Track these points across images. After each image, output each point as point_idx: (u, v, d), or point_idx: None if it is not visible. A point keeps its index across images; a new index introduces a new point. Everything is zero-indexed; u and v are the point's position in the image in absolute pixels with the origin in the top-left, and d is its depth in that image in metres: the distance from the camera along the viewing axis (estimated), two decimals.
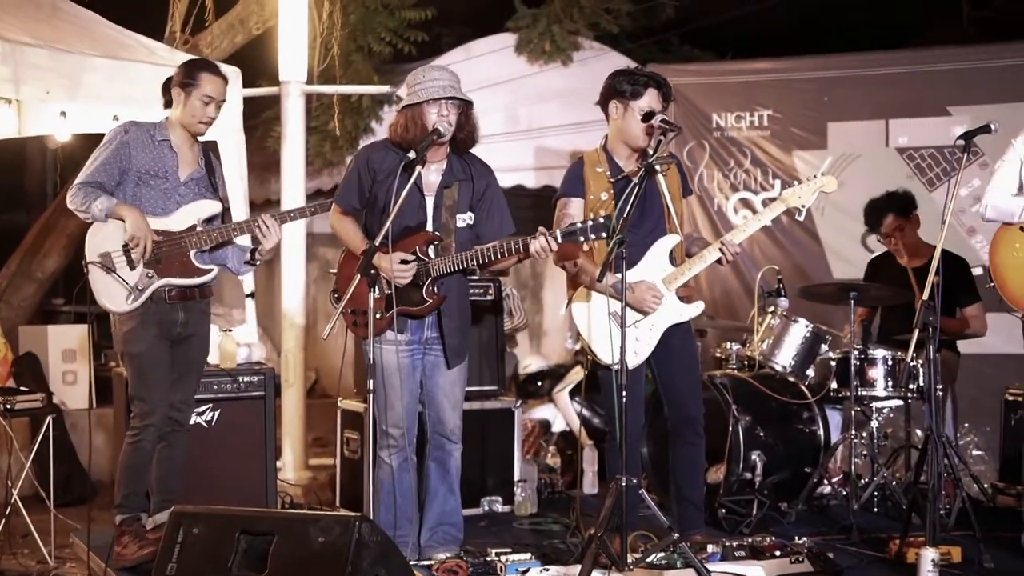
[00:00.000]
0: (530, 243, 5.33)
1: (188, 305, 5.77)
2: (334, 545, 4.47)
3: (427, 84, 5.51)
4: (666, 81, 5.86)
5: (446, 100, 5.50)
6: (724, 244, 5.74)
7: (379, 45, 10.52)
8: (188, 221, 5.71)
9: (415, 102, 5.51)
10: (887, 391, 6.96)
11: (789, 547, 5.68)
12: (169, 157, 5.72)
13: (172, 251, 5.64)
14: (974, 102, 8.83)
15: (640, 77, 5.83)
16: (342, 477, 7.18)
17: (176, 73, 5.81)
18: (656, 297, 5.74)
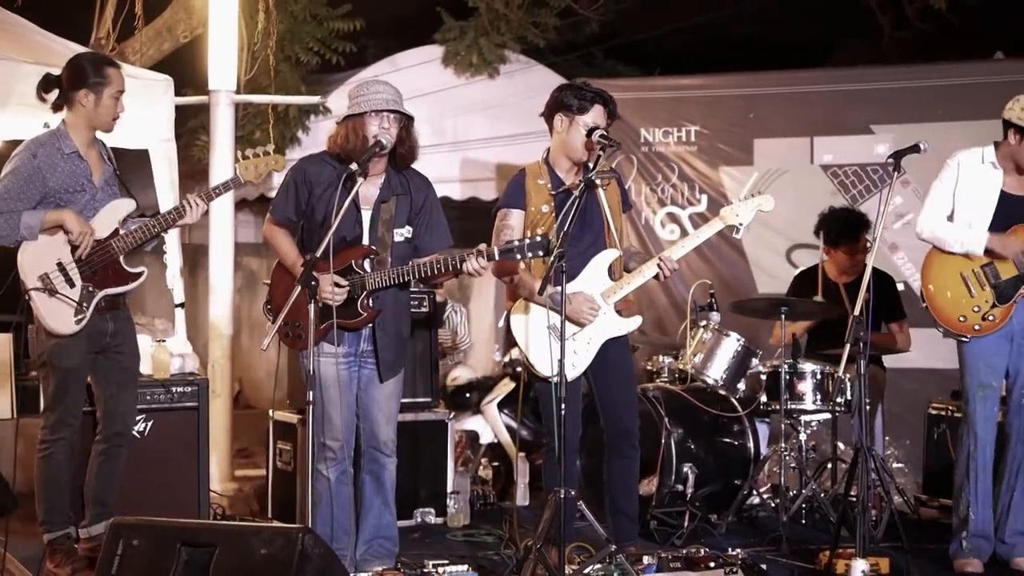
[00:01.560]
0: (466, 260, 5.35)
1: (116, 315, 5.71)
2: (277, 557, 4.43)
3: (370, 96, 5.51)
4: (612, 99, 5.91)
5: (388, 113, 5.50)
6: (662, 260, 5.79)
7: (307, 55, 10.47)
8: (110, 225, 5.61)
9: (356, 112, 5.50)
10: (815, 405, 7.08)
11: (723, 558, 5.76)
12: (82, 168, 5.61)
13: (103, 260, 5.56)
14: (896, 121, 9.00)
15: (588, 93, 5.86)
16: (274, 489, 7.14)
17: (73, 72, 5.62)
18: (593, 309, 5.77)
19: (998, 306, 6.04)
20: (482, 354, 11.06)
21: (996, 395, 6.12)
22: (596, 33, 11.90)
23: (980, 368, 6.10)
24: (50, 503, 5.67)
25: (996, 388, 6.11)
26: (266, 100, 9.37)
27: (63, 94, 5.63)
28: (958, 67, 9.43)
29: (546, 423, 5.89)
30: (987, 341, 6.07)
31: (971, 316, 6.08)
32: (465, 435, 8.08)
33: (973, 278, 6.09)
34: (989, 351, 6.08)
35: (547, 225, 5.81)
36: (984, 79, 9.11)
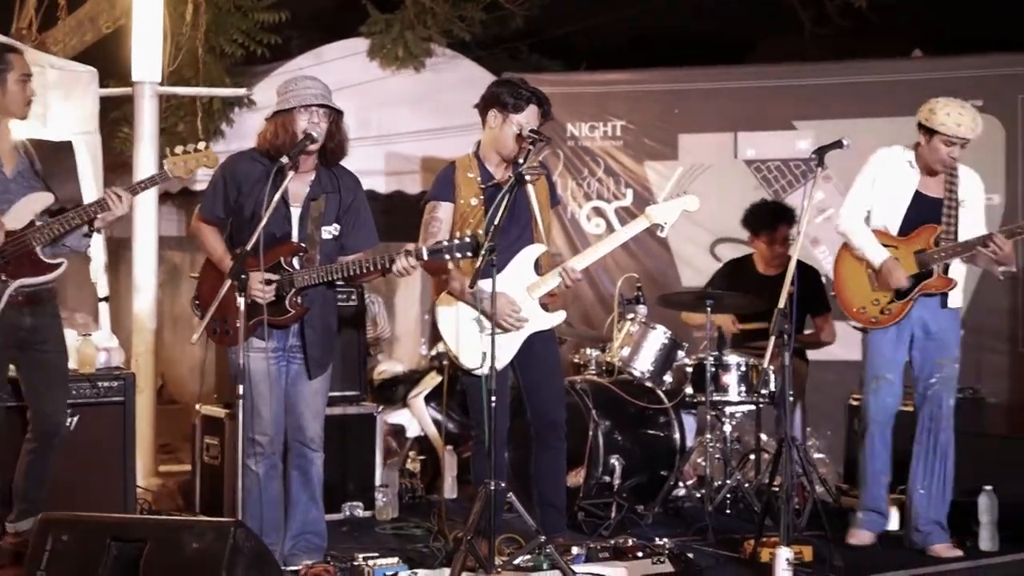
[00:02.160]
0: (395, 260, 5.37)
1: (36, 309, 5.60)
2: (208, 551, 4.45)
3: (299, 91, 5.52)
4: (547, 99, 5.94)
5: (317, 107, 5.50)
6: (565, 271, 5.85)
7: (231, 47, 10.38)
8: (25, 217, 5.52)
9: (285, 108, 5.50)
10: (740, 396, 7.18)
11: (650, 548, 5.81)
12: None
13: (18, 250, 5.45)
14: (818, 117, 9.14)
15: (524, 92, 5.88)
16: (202, 484, 7.10)
17: None
18: (514, 313, 5.80)
19: (896, 302, 6.25)
20: (409, 347, 11.07)
21: (890, 386, 6.34)
22: (522, 27, 11.93)
23: (875, 360, 6.36)
24: None
25: (890, 380, 6.33)
26: (191, 92, 9.28)
27: None
28: (877, 64, 9.58)
29: (474, 416, 5.91)
30: (884, 334, 6.31)
31: (870, 308, 6.30)
32: (390, 428, 8.08)
33: (876, 273, 6.29)
34: (885, 344, 6.32)
35: (476, 218, 5.83)
36: (903, 77, 9.29)
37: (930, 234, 6.21)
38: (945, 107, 6.14)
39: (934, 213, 6.24)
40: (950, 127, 6.10)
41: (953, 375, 6.29)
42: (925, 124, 6.18)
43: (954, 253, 6.17)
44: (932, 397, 6.29)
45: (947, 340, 6.29)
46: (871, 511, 6.41)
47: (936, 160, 6.20)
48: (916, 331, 6.29)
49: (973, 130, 6.13)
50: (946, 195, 6.25)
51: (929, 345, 6.29)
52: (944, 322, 6.29)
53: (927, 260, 6.19)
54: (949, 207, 6.22)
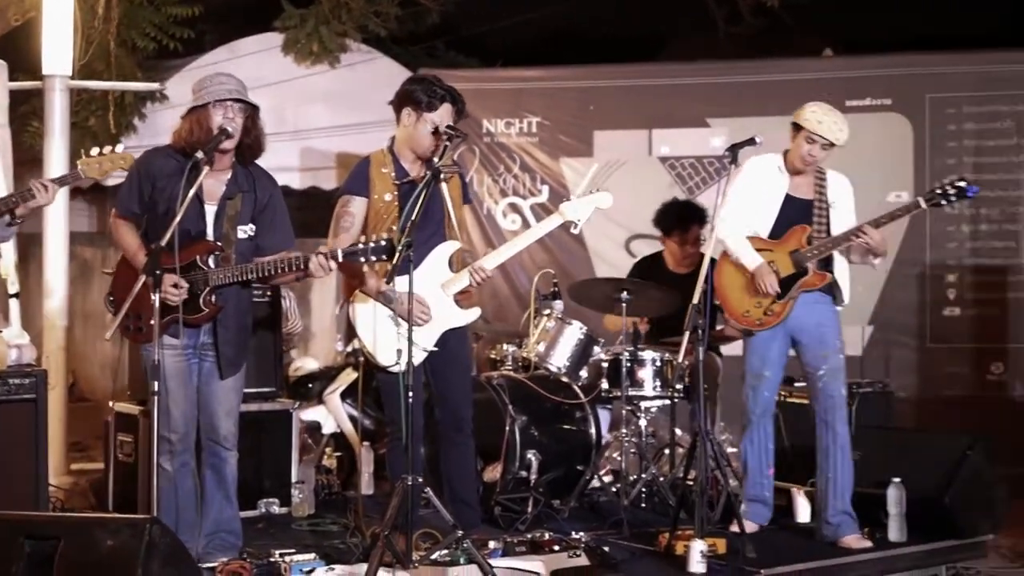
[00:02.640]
0: (310, 261, 5.36)
1: None
2: (124, 548, 4.38)
3: (213, 87, 5.48)
4: (462, 98, 5.93)
5: (233, 103, 5.47)
6: (474, 270, 5.88)
7: (143, 41, 10.29)
8: None
9: (200, 103, 5.47)
10: (655, 391, 7.25)
11: (567, 542, 5.85)
12: None
13: None
14: (731, 115, 9.27)
15: (438, 90, 5.87)
16: (115, 482, 7.02)
17: None
18: (424, 314, 5.81)
19: (777, 302, 6.38)
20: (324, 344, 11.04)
21: (768, 382, 6.50)
22: (438, 24, 11.95)
23: (754, 359, 6.52)
24: None
25: (768, 377, 6.49)
26: (103, 86, 9.20)
27: None
28: (789, 63, 9.77)
29: (389, 412, 5.91)
30: (764, 333, 6.45)
31: (754, 311, 6.43)
32: (307, 425, 8.05)
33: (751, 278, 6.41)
34: (763, 344, 6.48)
35: (390, 215, 5.83)
36: (814, 75, 9.46)
37: (802, 234, 6.35)
38: (813, 107, 6.35)
39: (805, 214, 6.39)
40: (812, 124, 6.27)
41: (839, 365, 6.40)
42: (794, 121, 6.37)
43: (827, 248, 6.31)
44: (823, 389, 6.41)
45: (828, 333, 6.41)
46: (754, 502, 6.53)
47: (797, 156, 6.36)
48: (797, 328, 6.42)
49: (834, 133, 6.29)
50: (816, 196, 6.41)
51: (812, 340, 6.42)
52: (823, 316, 6.41)
53: (801, 259, 6.32)
54: (820, 207, 6.38)
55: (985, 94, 9.28)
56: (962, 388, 9.28)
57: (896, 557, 6.33)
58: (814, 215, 6.37)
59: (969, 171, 9.19)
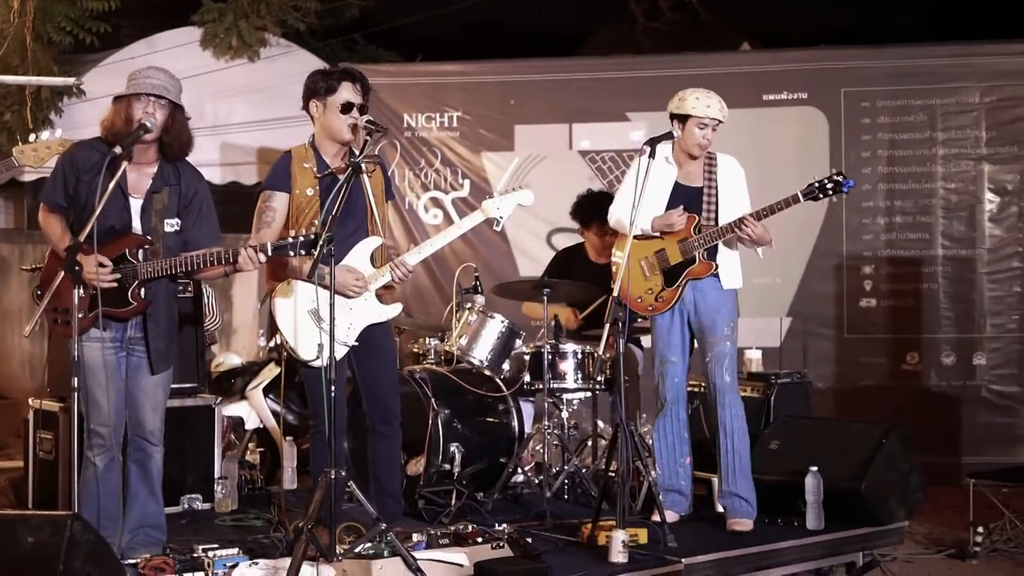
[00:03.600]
0: (239, 254, 5.37)
1: None
2: (45, 545, 4.37)
3: (140, 80, 5.48)
4: (360, 73, 5.99)
5: (154, 98, 5.45)
6: (395, 265, 5.91)
7: (59, 35, 10.20)
8: None
9: (122, 95, 5.45)
10: (577, 383, 7.30)
11: (490, 534, 5.87)
12: None
13: None
14: (651, 109, 9.29)
15: (333, 73, 5.96)
16: (35, 479, 6.96)
17: None
18: (358, 280, 5.83)
19: (666, 288, 6.48)
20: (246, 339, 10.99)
21: (674, 367, 6.55)
22: (357, 18, 11.94)
23: (659, 344, 6.59)
24: None
25: (674, 361, 6.55)
26: (17, 81, 9.11)
27: None
28: (708, 57, 9.89)
29: (313, 406, 5.91)
30: (663, 320, 6.54)
31: (646, 297, 6.53)
32: (229, 420, 8.03)
33: (647, 264, 6.52)
34: (665, 330, 6.55)
35: (312, 209, 5.84)
36: (732, 69, 9.56)
37: (690, 223, 6.43)
38: (693, 93, 6.42)
39: (695, 202, 6.47)
40: (700, 110, 6.36)
41: (725, 352, 6.45)
42: (677, 112, 6.44)
43: (712, 238, 6.39)
44: (709, 375, 6.51)
45: (716, 320, 6.48)
46: (670, 491, 6.55)
47: (693, 144, 6.43)
48: (690, 314, 6.52)
49: (721, 111, 6.39)
50: (705, 184, 6.49)
51: (701, 326, 6.50)
52: (712, 303, 6.48)
53: (688, 248, 6.41)
54: (709, 195, 6.47)
55: (899, 88, 9.44)
56: (879, 378, 9.43)
57: (813, 544, 6.39)
58: (703, 202, 6.45)
59: (883, 164, 9.41)
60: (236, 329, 11.59)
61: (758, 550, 6.24)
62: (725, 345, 6.45)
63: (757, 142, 9.03)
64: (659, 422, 6.61)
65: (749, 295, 8.74)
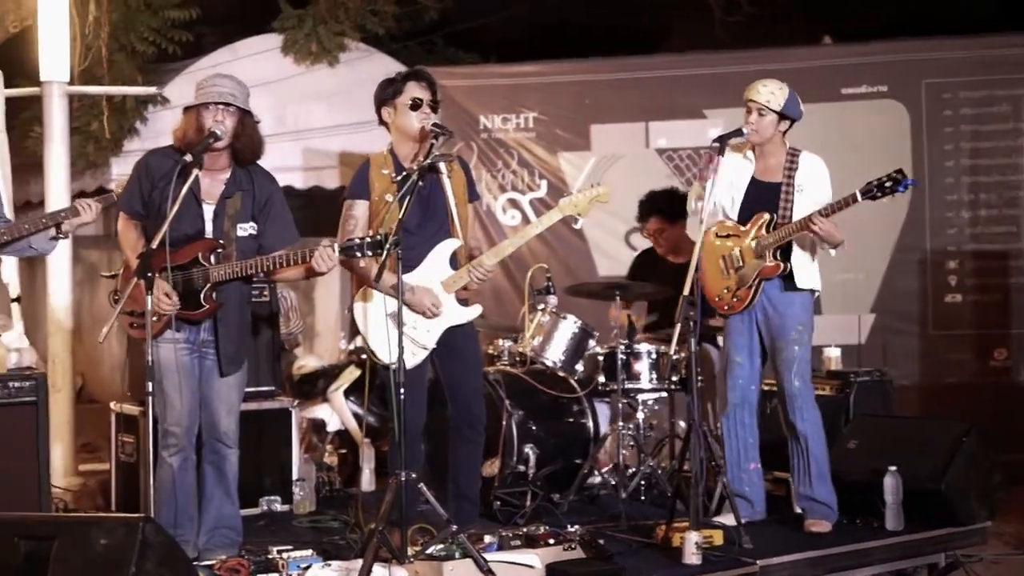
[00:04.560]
0: (315, 253, 5.43)
1: None
2: (118, 547, 4.42)
3: (208, 89, 5.57)
4: (425, 72, 6.04)
5: (222, 106, 5.53)
6: (472, 268, 5.91)
7: (142, 45, 10.38)
8: None
9: (192, 105, 5.54)
10: (651, 383, 7.28)
11: (562, 535, 5.86)
12: None
13: None
14: (728, 105, 9.18)
15: (397, 76, 6.00)
16: (118, 482, 7.09)
17: None
18: (435, 305, 5.86)
19: (741, 289, 6.39)
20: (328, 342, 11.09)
21: (741, 369, 6.47)
22: (436, 20, 11.99)
23: (728, 346, 6.53)
24: None
25: (740, 363, 6.47)
26: (100, 91, 9.28)
27: None
28: (787, 52, 9.77)
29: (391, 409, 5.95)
30: (736, 320, 6.47)
31: (724, 296, 6.46)
32: (310, 422, 8.10)
33: (725, 262, 6.45)
34: (735, 330, 6.49)
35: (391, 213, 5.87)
36: (811, 63, 9.45)
37: (761, 222, 6.34)
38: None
39: (771, 198, 6.36)
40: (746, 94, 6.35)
41: (793, 357, 6.35)
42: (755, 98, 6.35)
43: (781, 238, 6.27)
44: (779, 380, 6.43)
45: (784, 323, 6.38)
46: (736, 496, 6.40)
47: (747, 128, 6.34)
48: (760, 316, 6.43)
49: (762, 95, 6.30)
50: (784, 180, 6.38)
51: (770, 329, 6.42)
52: (783, 306, 6.38)
53: (760, 247, 6.32)
54: (787, 192, 6.35)
55: (981, 78, 9.27)
56: (966, 375, 9.28)
57: (893, 545, 6.30)
58: (780, 199, 6.35)
59: (967, 156, 9.25)
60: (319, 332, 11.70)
61: (836, 551, 6.16)
62: (793, 350, 6.35)
63: (836, 137, 8.91)
64: (724, 423, 6.57)
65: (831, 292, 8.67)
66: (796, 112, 6.37)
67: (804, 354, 6.39)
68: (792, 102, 6.33)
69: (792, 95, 6.33)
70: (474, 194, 6.27)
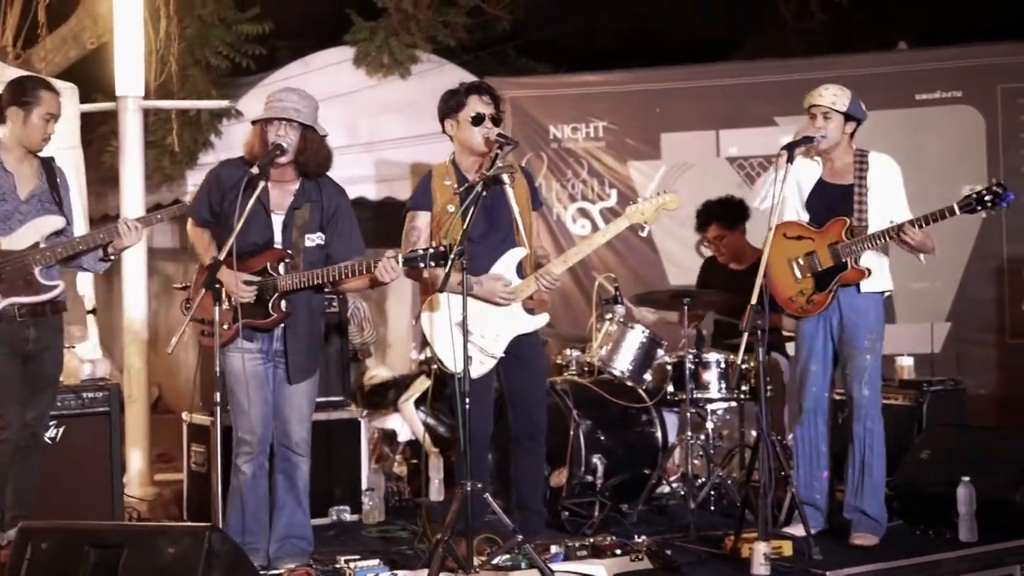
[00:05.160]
0: (375, 266, 5.48)
1: (39, 322, 5.73)
2: (185, 556, 4.48)
3: (273, 104, 5.65)
4: (487, 85, 6.09)
5: (285, 121, 5.60)
6: (540, 276, 5.91)
7: (216, 59, 10.49)
8: (31, 239, 5.67)
9: (258, 119, 5.63)
10: (720, 393, 7.24)
11: (629, 546, 5.85)
12: (4, 179, 5.66)
13: (15, 270, 5.60)
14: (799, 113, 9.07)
15: (458, 89, 6.04)
16: (189, 491, 7.18)
17: (7, 91, 5.73)
18: (506, 287, 5.86)
19: (817, 292, 6.31)
20: (400, 352, 11.13)
21: (814, 376, 6.40)
22: (508, 31, 12.01)
23: (801, 352, 6.46)
24: None
25: (814, 371, 6.40)
26: (174, 105, 9.38)
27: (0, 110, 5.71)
28: (857, 58, 9.67)
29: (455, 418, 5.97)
30: (809, 325, 6.39)
31: (797, 299, 6.38)
32: (381, 433, 8.14)
33: (799, 265, 6.36)
34: (808, 336, 6.42)
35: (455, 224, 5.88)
36: (887, 69, 9.35)
37: (842, 226, 6.25)
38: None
39: (843, 201, 6.28)
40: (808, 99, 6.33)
41: (864, 366, 6.28)
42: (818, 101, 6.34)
43: (866, 246, 6.19)
44: (847, 387, 6.36)
45: (857, 331, 6.30)
46: (805, 504, 6.34)
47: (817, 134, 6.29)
48: (834, 322, 6.36)
49: (824, 98, 6.27)
50: (856, 182, 6.29)
51: (842, 336, 6.35)
52: (857, 314, 6.31)
53: (840, 253, 6.24)
54: (860, 194, 6.26)
55: None
56: None
57: (966, 557, 6.18)
58: (854, 202, 6.25)
59: None
60: (391, 343, 11.74)
61: (907, 563, 6.07)
62: (864, 358, 6.28)
63: (910, 144, 8.80)
64: (797, 431, 6.51)
65: (905, 300, 8.61)
66: (860, 112, 6.32)
67: (875, 363, 6.32)
68: (855, 103, 6.29)
69: (854, 96, 6.29)
70: (537, 201, 6.27)
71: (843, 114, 6.26)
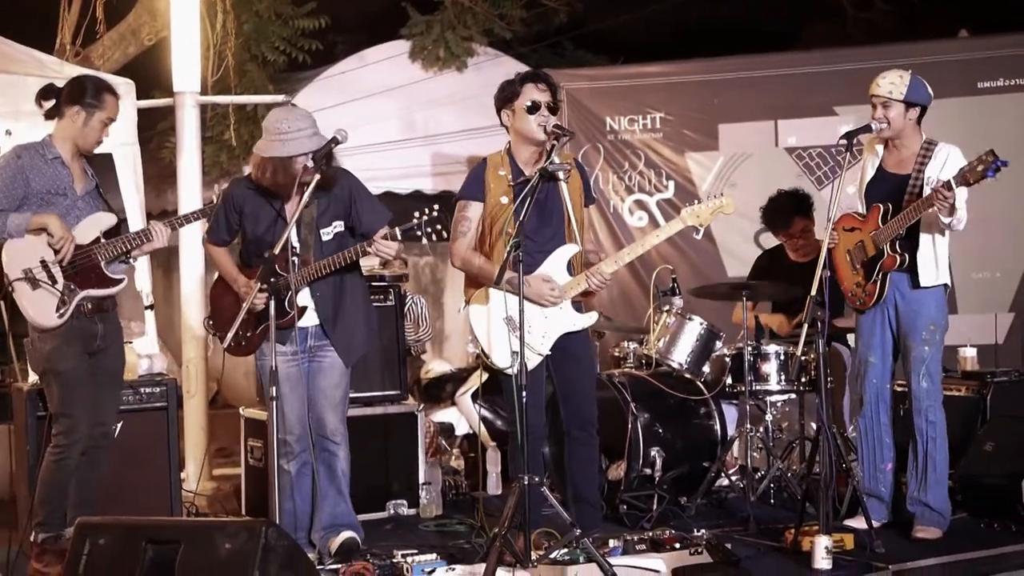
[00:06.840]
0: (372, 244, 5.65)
1: (104, 317, 5.81)
2: (241, 551, 4.49)
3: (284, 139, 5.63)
4: (543, 73, 6.00)
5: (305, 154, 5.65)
6: (590, 275, 5.86)
7: (273, 54, 10.54)
8: (92, 233, 5.72)
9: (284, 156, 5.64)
10: (780, 385, 7.16)
11: (688, 539, 5.80)
12: (64, 174, 5.70)
13: (85, 263, 5.66)
14: (859, 102, 8.99)
15: (515, 78, 5.98)
16: (247, 485, 7.21)
17: (73, 89, 5.74)
18: (553, 289, 5.82)
19: (868, 284, 6.27)
20: (457, 346, 11.13)
21: (873, 368, 6.35)
22: (565, 23, 11.98)
23: (860, 344, 6.43)
24: (52, 505, 5.72)
25: (873, 364, 6.36)
26: (230, 100, 9.43)
27: (58, 105, 5.75)
28: (922, 46, 9.52)
29: (511, 412, 5.94)
30: (867, 317, 6.36)
31: (856, 291, 6.37)
32: (437, 426, 8.13)
33: (852, 256, 6.35)
34: (867, 328, 6.38)
35: (505, 216, 5.83)
36: (949, 57, 9.23)
37: (878, 213, 6.21)
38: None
39: (899, 190, 6.21)
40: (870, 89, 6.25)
41: (922, 358, 6.20)
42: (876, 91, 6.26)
43: (897, 226, 6.12)
44: (907, 378, 6.29)
45: (914, 323, 6.23)
46: (869, 496, 6.32)
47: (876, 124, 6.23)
48: (892, 312, 6.30)
49: (882, 88, 6.19)
50: (914, 172, 6.21)
51: (900, 328, 6.29)
52: (915, 304, 6.23)
53: (877, 239, 6.19)
54: (914, 184, 6.18)
55: None
56: None
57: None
58: (906, 191, 6.18)
59: None
60: (448, 336, 11.76)
61: (971, 556, 6.02)
62: (923, 350, 6.20)
63: (972, 132, 8.65)
64: (859, 423, 6.45)
65: (967, 291, 8.49)
66: (923, 97, 6.20)
67: (935, 354, 6.23)
68: (916, 88, 6.17)
69: (916, 80, 6.18)
70: (590, 197, 6.22)
71: (902, 101, 6.16)
